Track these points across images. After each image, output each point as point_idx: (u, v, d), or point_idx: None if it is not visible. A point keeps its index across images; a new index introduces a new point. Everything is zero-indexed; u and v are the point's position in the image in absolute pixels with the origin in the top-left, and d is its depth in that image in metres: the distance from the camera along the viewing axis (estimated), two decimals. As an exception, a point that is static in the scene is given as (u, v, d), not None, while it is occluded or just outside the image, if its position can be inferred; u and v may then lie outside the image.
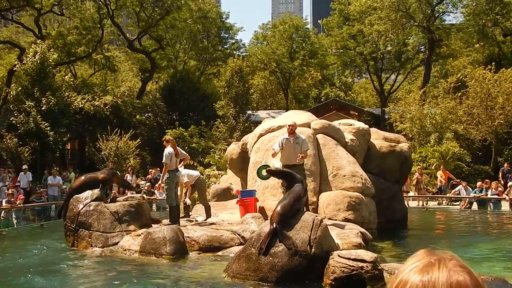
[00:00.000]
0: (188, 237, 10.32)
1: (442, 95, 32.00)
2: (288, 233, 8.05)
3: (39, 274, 9.15)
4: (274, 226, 8.08)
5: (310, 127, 13.09)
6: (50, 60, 29.14)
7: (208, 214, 12.65)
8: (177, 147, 12.53)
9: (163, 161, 11.79)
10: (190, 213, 13.36)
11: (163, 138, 12.80)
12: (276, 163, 11.05)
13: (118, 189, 22.60)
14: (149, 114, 40.20)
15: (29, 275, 8.97)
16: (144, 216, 11.94)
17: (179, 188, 12.86)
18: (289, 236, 7.95)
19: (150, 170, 24.59)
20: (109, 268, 9.42)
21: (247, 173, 13.58)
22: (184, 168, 13.23)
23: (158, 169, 23.60)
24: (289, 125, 11.32)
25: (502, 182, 23.14)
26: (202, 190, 13.25)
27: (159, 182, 12.87)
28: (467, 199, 21.11)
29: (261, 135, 13.66)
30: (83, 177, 13.17)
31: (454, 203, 22.23)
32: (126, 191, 20.35)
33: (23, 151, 25.79)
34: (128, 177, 24.30)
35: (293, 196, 8.93)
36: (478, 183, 21.66)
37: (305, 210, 9.39)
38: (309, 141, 11.86)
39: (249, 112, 39.24)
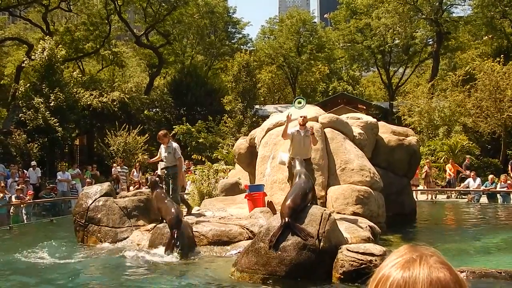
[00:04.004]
0: (196, 231, 10.36)
1: (450, 88, 31.85)
2: (298, 226, 8.04)
3: (51, 270, 9.22)
4: (287, 220, 8.00)
5: (318, 121, 13.06)
6: (58, 56, 29.20)
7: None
8: None
9: (179, 156, 11.73)
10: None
11: (165, 133, 12.28)
12: (284, 156, 11.00)
13: (127, 184, 22.72)
14: (157, 109, 40.27)
15: (41, 272, 9.03)
16: (152, 211, 11.98)
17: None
18: (303, 228, 7.92)
19: (159, 164, 24.59)
20: (120, 263, 9.47)
21: (255, 167, 13.58)
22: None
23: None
24: (301, 116, 11.14)
25: (512, 175, 23.03)
26: None
27: (182, 177, 12.34)
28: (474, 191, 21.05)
29: (269, 130, 13.65)
30: None
31: (463, 197, 22.16)
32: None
33: (32, 147, 25.91)
34: (135, 172, 24.40)
35: (302, 190, 8.92)
36: (490, 176, 21.56)
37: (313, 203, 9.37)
38: (317, 136, 11.78)
39: (257, 106, 39.25)
